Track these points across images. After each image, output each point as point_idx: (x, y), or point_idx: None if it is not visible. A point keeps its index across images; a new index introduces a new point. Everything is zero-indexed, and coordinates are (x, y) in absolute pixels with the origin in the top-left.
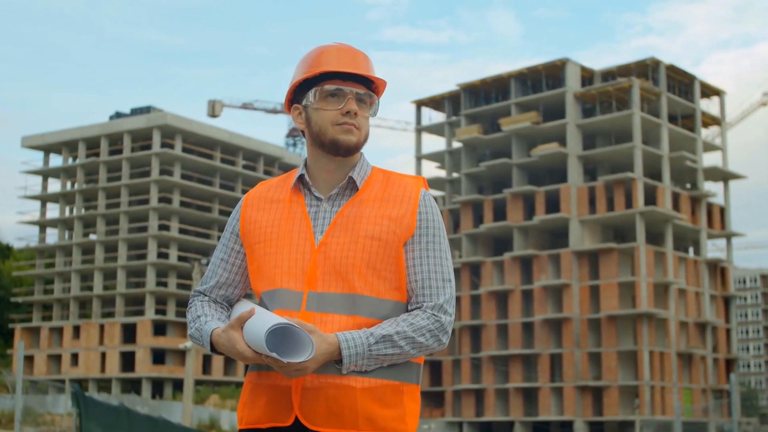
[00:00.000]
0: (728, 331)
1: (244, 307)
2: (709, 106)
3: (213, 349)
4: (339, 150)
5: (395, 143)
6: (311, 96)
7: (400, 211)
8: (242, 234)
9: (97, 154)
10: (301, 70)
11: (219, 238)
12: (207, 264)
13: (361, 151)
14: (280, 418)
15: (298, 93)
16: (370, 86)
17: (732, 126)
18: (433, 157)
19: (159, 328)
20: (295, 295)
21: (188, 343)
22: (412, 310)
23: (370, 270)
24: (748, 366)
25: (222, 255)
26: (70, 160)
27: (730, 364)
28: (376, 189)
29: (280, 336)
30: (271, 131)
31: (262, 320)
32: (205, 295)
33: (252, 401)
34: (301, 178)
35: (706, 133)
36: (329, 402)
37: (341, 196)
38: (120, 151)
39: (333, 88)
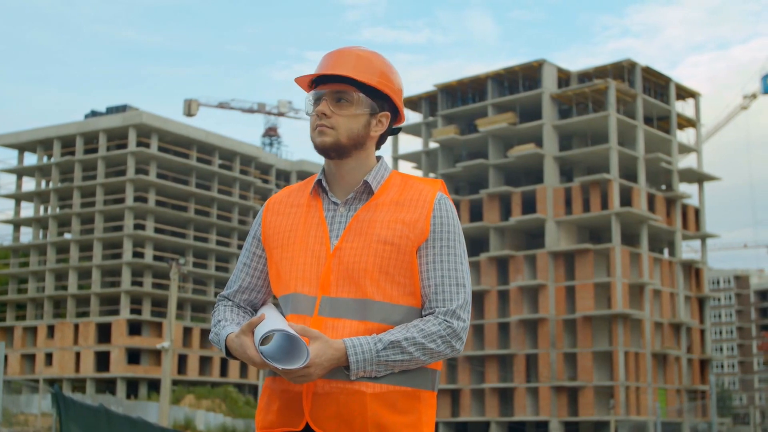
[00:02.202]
0: (702, 332)
1: (266, 311)
2: (684, 108)
3: (228, 353)
4: (319, 152)
5: None
6: (306, 106)
7: (414, 215)
8: (263, 238)
9: (73, 153)
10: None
11: (195, 238)
12: (184, 264)
13: (380, 155)
14: (291, 423)
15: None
16: (362, 84)
17: (720, 128)
18: (410, 157)
19: (134, 328)
20: (309, 299)
21: (165, 343)
22: (425, 315)
23: (383, 275)
24: (722, 367)
25: (245, 260)
26: (45, 159)
27: (704, 364)
28: (392, 193)
29: (284, 342)
30: (247, 131)
31: (266, 326)
32: (229, 300)
33: (267, 406)
34: (319, 182)
35: (682, 135)
36: (340, 408)
37: (357, 200)
38: (95, 150)
39: (312, 94)
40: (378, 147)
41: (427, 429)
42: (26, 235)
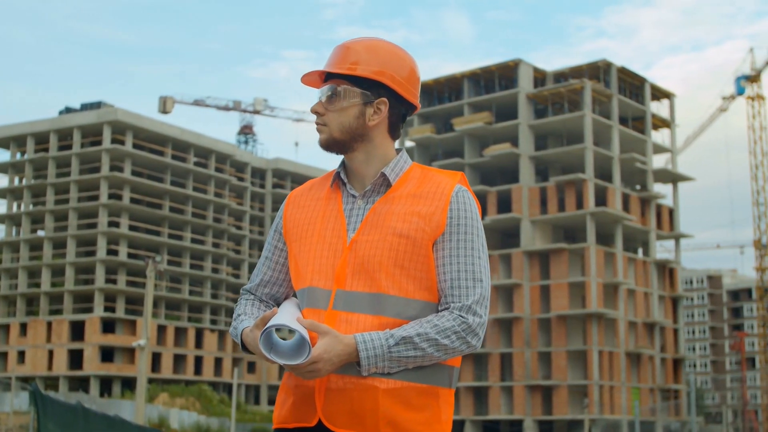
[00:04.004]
0: (676, 332)
1: (283, 306)
2: (659, 108)
3: (244, 348)
4: (323, 150)
5: None
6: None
7: (430, 207)
8: (284, 232)
9: (46, 150)
10: None
11: (169, 235)
12: (161, 261)
13: (400, 147)
14: (304, 419)
15: None
16: (351, 78)
17: (704, 129)
18: None
19: (108, 326)
20: (324, 293)
21: (141, 341)
22: (441, 311)
23: (398, 269)
24: (695, 366)
25: (267, 253)
26: (18, 156)
27: (677, 363)
28: (410, 185)
29: (297, 338)
30: (222, 129)
31: (272, 321)
32: (252, 294)
33: (283, 401)
34: (338, 175)
35: (656, 135)
36: (353, 404)
37: (375, 193)
38: (69, 147)
39: (317, 93)
40: (394, 136)
41: (444, 426)
42: None
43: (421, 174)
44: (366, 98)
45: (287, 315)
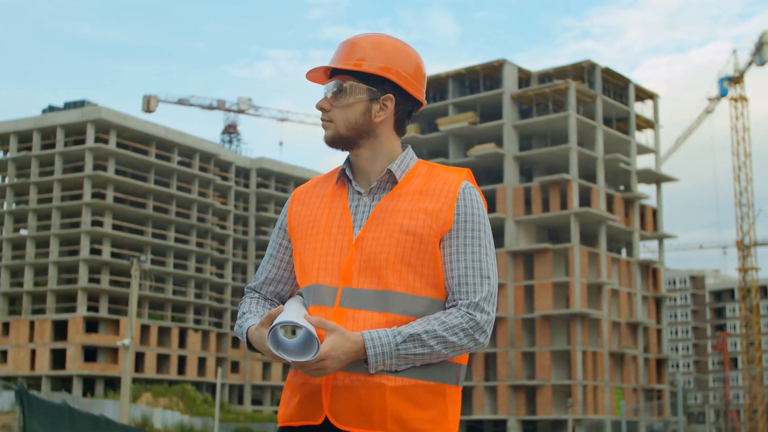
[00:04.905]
0: (659, 332)
1: (289, 303)
2: (643, 109)
3: (250, 346)
4: (328, 146)
5: None
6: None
7: (437, 204)
8: (289, 229)
9: (30, 148)
10: None
11: (153, 235)
12: (145, 261)
13: (407, 144)
14: (310, 417)
15: None
16: (357, 74)
17: (693, 131)
18: None
19: (91, 326)
20: (330, 290)
21: (126, 341)
22: (448, 308)
23: (405, 266)
24: (677, 366)
25: (271, 251)
26: (1, 154)
27: (660, 363)
28: (417, 182)
29: (303, 335)
30: (207, 128)
31: (278, 319)
32: (256, 292)
33: (288, 399)
34: (343, 172)
35: (640, 136)
36: (360, 401)
37: (381, 190)
38: (53, 146)
39: (323, 89)
40: (400, 133)
41: (452, 425)
42: None
43: (427, 171)
44: (372, 94)
45: (294, 312)
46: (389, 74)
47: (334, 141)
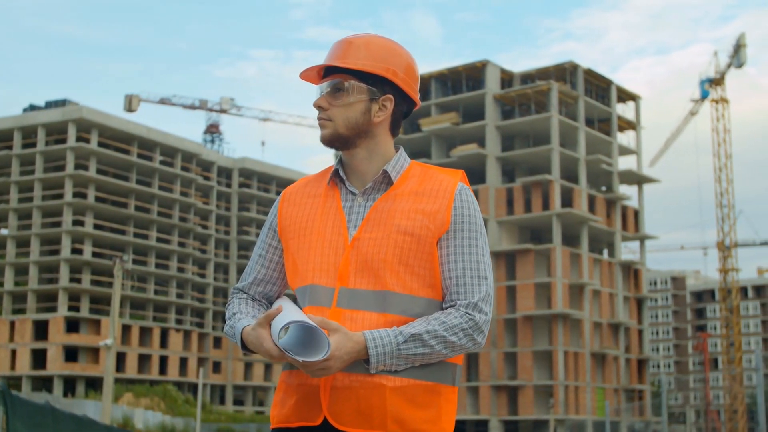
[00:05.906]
0: (640, 332)
1: (283, 304)
2: (624, 110)
3: (244, 347)
4: (324, 145)
5: (316, 141)
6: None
7: (434, 205)
8: (279, 230)
9: (10, 147)
10: None
11: (135, 234)
12: (127, 261)
13: (399, 145)
14: (309, 418)
15: None
16: (357, 73)
17: (680, 132)
18: None
19: (72, 325)
20: (327, 291)
21: (108, 341)
22: (446, 308)
23: (402, 266)
24: (658, 366)
25: (260, 251)
26: None
27: (641, 364)
28: (412, 183)
29: (303, 334)
30: (189, 128)
31: (284, 318)
32: (244, 293)
33: (283, 400)
34: (336, 172)
35: (622, 137)
36: (360, 402)
37: (376, 190)
38: (34, 145)
39: (317, 89)
40: (394, 134)
41: (447, 425)
42: None
43: (421, 172)
44: (372, 94)
45: (296, 312)
46: (390, 75)
47: (333, 140)
